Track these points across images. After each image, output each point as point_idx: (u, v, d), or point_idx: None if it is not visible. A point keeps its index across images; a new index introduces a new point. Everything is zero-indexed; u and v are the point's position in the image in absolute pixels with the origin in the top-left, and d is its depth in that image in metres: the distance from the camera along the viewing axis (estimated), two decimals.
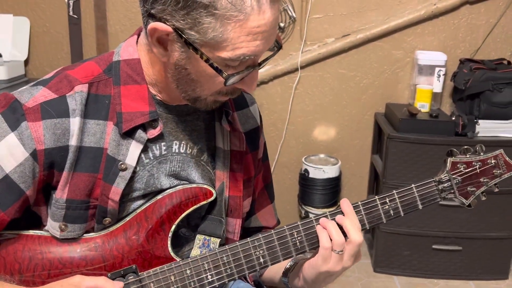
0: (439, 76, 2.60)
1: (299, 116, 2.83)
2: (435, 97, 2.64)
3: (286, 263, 1.07)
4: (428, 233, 2.52)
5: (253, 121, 1.13)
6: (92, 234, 0.96)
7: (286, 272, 1.06)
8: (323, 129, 2.85)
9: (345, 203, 0.99)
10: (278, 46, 0.94)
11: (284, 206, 2.88)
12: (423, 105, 2.58)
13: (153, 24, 0.86)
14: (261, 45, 0.86)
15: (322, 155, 2.84)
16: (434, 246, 2.54)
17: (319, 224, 0.98)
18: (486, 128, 2.44)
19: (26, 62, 2.80)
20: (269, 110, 2.82)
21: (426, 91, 2.57)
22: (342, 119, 2.83)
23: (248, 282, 1.18)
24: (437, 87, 2.62)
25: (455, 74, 2.63)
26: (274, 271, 1.12)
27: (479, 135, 2.43)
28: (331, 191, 2.74)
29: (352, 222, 0.97)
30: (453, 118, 2.46)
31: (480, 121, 2.44)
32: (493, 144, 2.37)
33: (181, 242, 1.05)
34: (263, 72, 2.74)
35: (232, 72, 0.88)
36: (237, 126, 1.08)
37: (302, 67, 2.74)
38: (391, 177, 2.45)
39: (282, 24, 2.68)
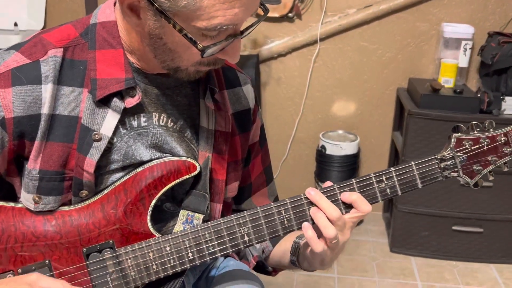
0: (465, 50, 2.50)
1: (318, 91, 2.78)
2: (461, 72, 2.55)
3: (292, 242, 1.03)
4: (448, 213, 2.46)
5: (245, 102, 1.08)
6: (68, 207, 0.93)
7: (294, 251, 1.02)
8: (342, 104, 2.79)
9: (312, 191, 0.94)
10: (265, 10, 0.87)
11: (300, 183, 2.84)
12: (447, 81, 2.49)
13: None
14: (240, 13, 0.80)
15: (340, 131, 2.79)
16: (454, 227, 2.48)
17: (310, 207, 0.93)
18: None
19: None
20: (286, 84, 2.78)
21: (451, 66, 2.48)
22: (363, 94, 2.76)
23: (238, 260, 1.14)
24: (463, 61, 2.53)
25: (482, 48, 2.51)
26: (282, 252, 1.08)
27: (505, 112, 2.35)
28: (349, 169, 2.68)
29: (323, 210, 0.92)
30: (478, 95, 2.38)
31: (506, 98, 2.34)
32: None
33: (166, 217, 1.01)
34: (281, 44, 2.68)
35: (210, 42, 0.83)
36: (226, 105, 1.03)
37: (322, 39, 2.67)
38: (411, 155, 2.38)
39: None
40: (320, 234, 0.91)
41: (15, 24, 2.60)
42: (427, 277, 2.41)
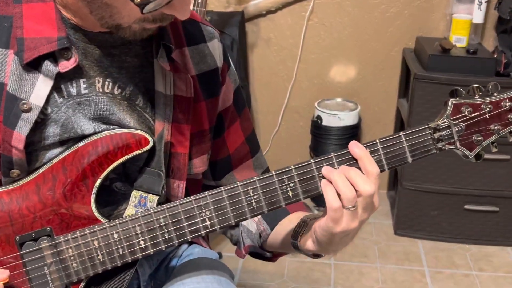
0: (480, 3, 2.47)
1: (313, 53, 2.75)
2: (475, 29, 2.52)
3: (294, 224, 1.00)
4: (459, 191, 2.45)
5: (211, 61, 1.04)
6: None
7: (296, 235, 0.99)
8: (340, 68, 2.76)
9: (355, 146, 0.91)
10: None
11: (294, 158, 2.82)
12: (459, 39, 2.47)
13: None
14: None
15: (339, 99, 2.77)
16: (466, 206, 2.47)
17: (322, 178, 0.90)
18: None
19: None
20: (277, 46, 2.75)
21: (464, 22, 2.46)
22: (364, 56, 2.73)
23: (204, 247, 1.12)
24: (478, 17, 2.50)
25: (500, 1, 2.46)
26: (282, 236, 1.06)
27: None
28: (348, 142, 2.61)
29: (358, 170, 0.88)
30: (495, 55, 2.36)
31: None
32: None
33: (117, 199, 0.99)
34: None
35: None
36: (187, 66, 1.00)
37: None
38: (418, 124, 2.34)
39: None
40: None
41: None
42: (436, 262, 2.40)
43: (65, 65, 0.88)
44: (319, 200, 2.56)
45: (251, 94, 2.81)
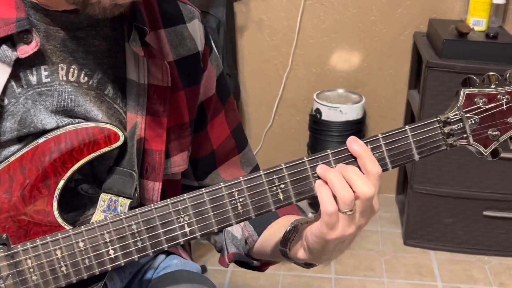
0: None
1: (311, 37, 2.77)
2: (496, 10, 2.55)
3: (284, 229, 1.01)
4: (478, 195, 2.47)
5: (191, 44, 1.05)
6: None
7: (285, 241, 1.00)
8: (342, 55, 2.78)
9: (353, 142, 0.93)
10: None
11: (289, 158, 2.77)
12: (478, 22, 2.50)
13: None
14: None
15: (340, 90, 2.79)
16: (485, 213, 2.49)
17: (317, 178, 0.91)
18: None
19: None
20: (270, 29, 2.77)
21: (483, 2, 2.49)
22: (370, 40, 2.75)
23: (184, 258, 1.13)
24: None
25: None
26: (270, 242, 1.06)
27: None
28: None
29: (357, 169, 0.90)
30: None
31: None
32: None
33: (83, 203, 1.00)
34: None
35: None
36: (163, 50, 1.01)
37: None
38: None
39: None
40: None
41: None
42: (451, 276, 2.42)
43: (25, 50, 0.89)
44: (318, 206, 2.57)
45: (241, 84, 2.82)
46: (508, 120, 0.96)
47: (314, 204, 2.48)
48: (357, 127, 2.68)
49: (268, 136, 2.90)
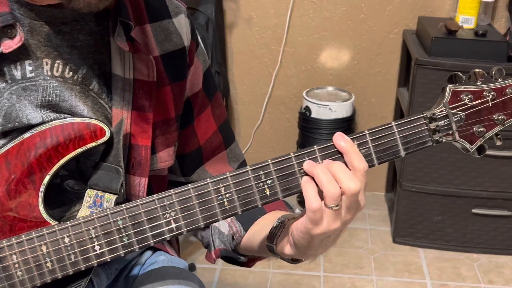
0: None
1: (301, 35, 2.77)
2: (485, 8, 2.56)
3: (270, 225, 1.01)
4: (467, 193, 2.48)
5: (177, 39, 1.05)
6: None
7: (272, 237, 1.00)
8: (332, 53, 2.79)
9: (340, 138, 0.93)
10: None
11: (278, 156, 2.82)
12: (467, 19, 2.50)
13: None
14: None
15: (330, 88, 2.79)
16: (474, 210, 2.50)
17: (303, 174, 0.91)
18: None
19: None
20: (259, 26, 2.76)
21: (472, 0, 2.48)
22: (359, 38, 2.76)
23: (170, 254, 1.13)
24: None
25: None
26: (257, 238, 1.07)
27: None
28: None
29: (343, 165, 0.89)
30: (507, 38, 2.39)
31: None
32: None
33: (69, 199, 1.00)
34: None
35: None
36: (149, 45, 1.01)
37: None
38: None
39: None
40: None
41: None
42: (440, 274, 2.43)
43: (9, 45, 0.88)
44: None
45: (230, 82, 2.81)
46: (494, 116, 0.96)
47: (303, 202, 2.49)
48: (347, 125, 2.68)
49: (258, 134, 2.90)
